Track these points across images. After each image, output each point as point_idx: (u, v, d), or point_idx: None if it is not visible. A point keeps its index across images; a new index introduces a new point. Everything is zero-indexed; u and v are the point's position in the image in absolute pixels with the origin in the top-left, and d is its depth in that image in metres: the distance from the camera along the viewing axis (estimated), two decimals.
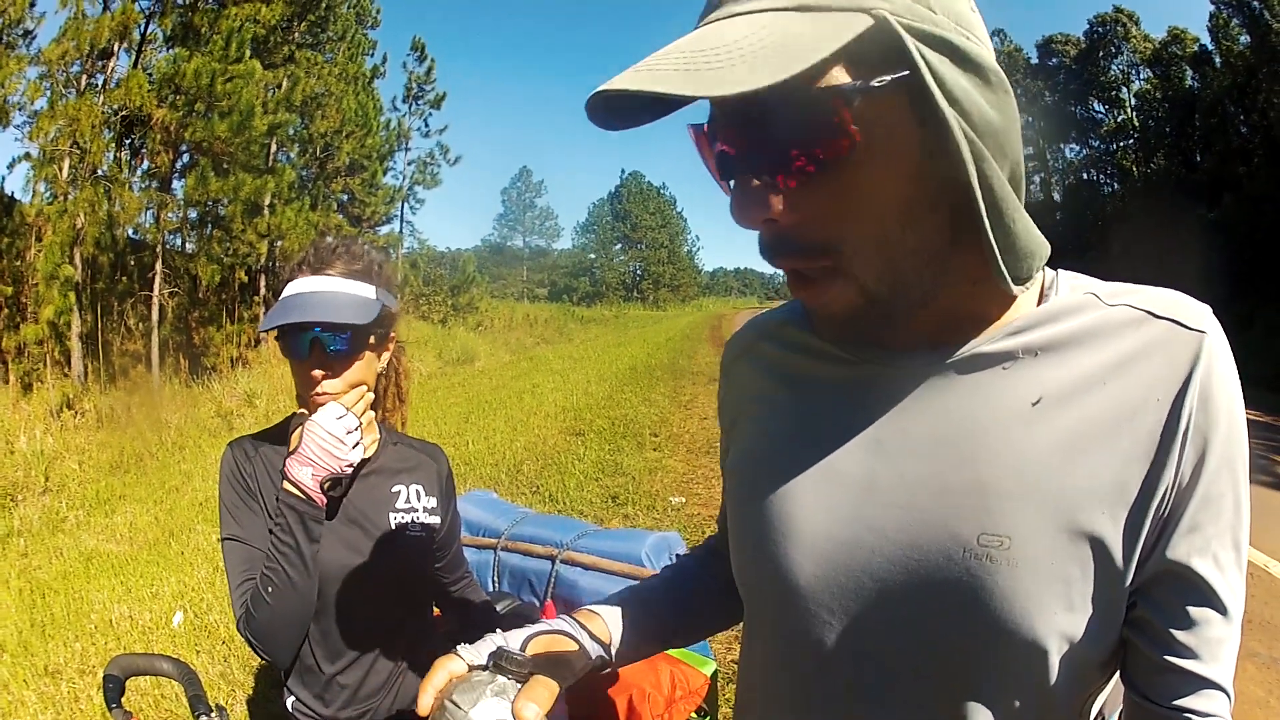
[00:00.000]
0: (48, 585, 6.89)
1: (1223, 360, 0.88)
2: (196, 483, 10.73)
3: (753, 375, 1.18)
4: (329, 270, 1.93)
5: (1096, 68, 37.21)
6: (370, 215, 31.64)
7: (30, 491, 10.89)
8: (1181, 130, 32.99)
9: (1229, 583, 0.87)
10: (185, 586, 6.38)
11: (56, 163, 17.52)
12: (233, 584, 1.90)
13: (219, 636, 5.43)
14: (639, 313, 70.10)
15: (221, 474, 2.00)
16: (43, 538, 8.82)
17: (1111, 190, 37.65)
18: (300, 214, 23.36)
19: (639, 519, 7.83)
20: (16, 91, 17.27)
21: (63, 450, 12.57)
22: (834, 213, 0.81)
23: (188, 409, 16.36)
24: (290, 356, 1.91)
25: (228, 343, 21.91)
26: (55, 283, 16.49)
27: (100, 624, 5.74)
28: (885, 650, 0.95)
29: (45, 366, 16.71)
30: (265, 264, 23.71)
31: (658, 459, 10.37)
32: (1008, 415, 0.90)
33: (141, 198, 19.35)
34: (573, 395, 16.33)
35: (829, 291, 0.85)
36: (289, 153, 26.10)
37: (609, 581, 2.75)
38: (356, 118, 28.53)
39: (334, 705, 2.03)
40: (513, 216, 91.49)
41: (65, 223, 17.05)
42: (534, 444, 11.53)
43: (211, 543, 7.44)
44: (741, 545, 1.11)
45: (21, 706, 4.53)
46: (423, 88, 38.53)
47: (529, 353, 31.25)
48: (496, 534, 3.09)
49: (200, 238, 21.94)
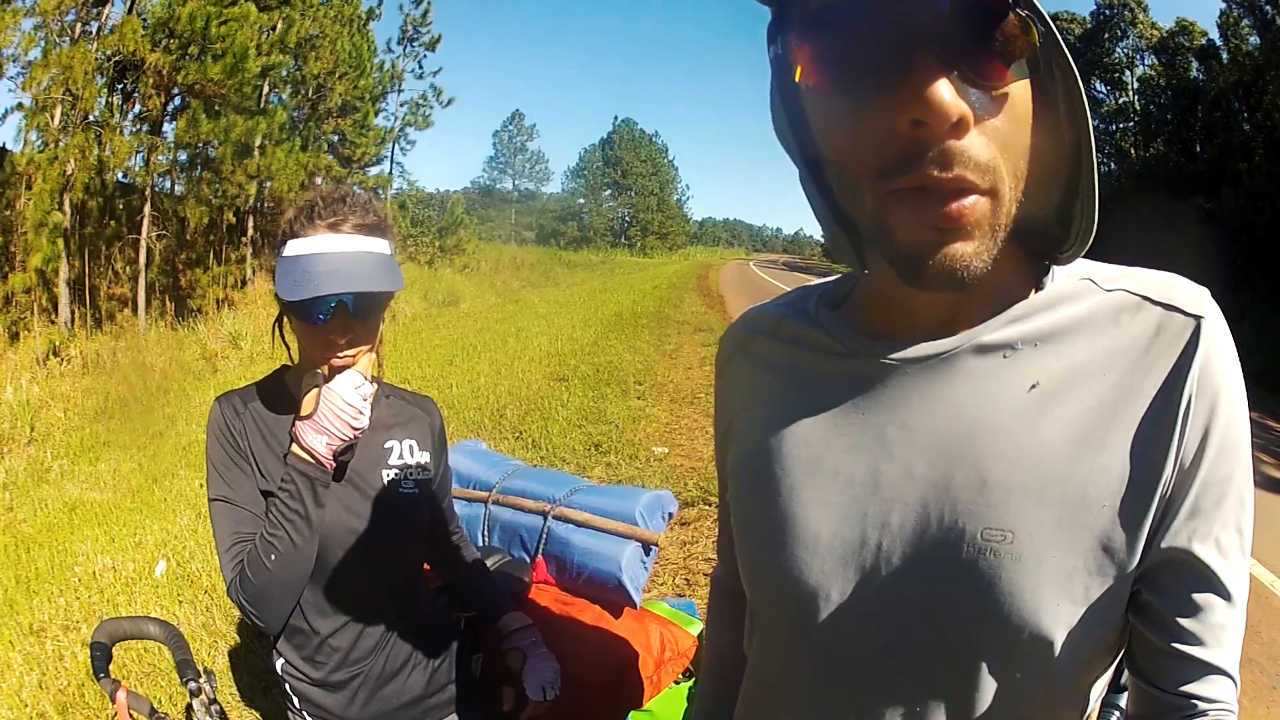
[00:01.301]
0: (32, 539, 6.88)
1: (1221, 344, 0.89)
2: (180, 427, 10.70)
3: (750, 373, 1.18)
4: (344, 226, 1.82)
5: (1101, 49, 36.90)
6: (360, 156, 31.31)
7: (16, 443, 10.89)
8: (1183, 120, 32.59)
9: (1232, 568, 0.87)
10: (169, 535, 6.36)
11: (48, 110, 17.38)
12: (221, 546, 1.86)
13: (201, 586, 5.43)
14: (626, 259, 68.98)
15: (209, 431, 1.93)
16: (28, 490, 8.86)
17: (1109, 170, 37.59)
18: (290, 155, 23.25)
19: (621, 468, 7.88)
20: (11, 44, 17.05)
21: (48, 399, 12.55)
22: (1003, 135, 0.80)
23: (173, 352, 16.37)
24: (306, 319, 1.79)
25: (214, 284, 21.86)
26: (44, 230, 16.40)
27: (84, 577, 5.71)
28: (893, 644, 0.97)
29: (33, 315, 16.64)
30: (254, 205, 23.65)
31: (641, 408, 10.43)
32: (1009, 409, 0.91)
33: (132, 142, 19.18)
34: (558, 340, 16.23)
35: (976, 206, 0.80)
36: (281, 94, 25.86)
37: (601, 540, 2.74)
38: (350, 59, 28.25)
39: (325, 668, 2.00)
40: (503, 159, 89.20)
41: (55, 170, 16.92)
42: (518, 388, 11.52)
43: (195, 489, 7.43)
44: (748, 546, 1.12)
45: (8, 669, 4.47)
46: (418, 30, 37.97)
47: (515, 296, 31.04)
48: (487, 487, 3.04)
49: (189, 180, 21.73)
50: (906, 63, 0.75)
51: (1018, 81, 0.79)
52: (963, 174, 0.77)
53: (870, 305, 1.05)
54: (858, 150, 0.82)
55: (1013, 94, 0.79)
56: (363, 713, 2.05)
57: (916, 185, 0.79)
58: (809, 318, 1.10)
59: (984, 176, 0.78)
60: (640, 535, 2.73)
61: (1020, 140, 0.81)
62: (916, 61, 0.75)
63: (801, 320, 1.11)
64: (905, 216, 0.81)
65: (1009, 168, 0.80)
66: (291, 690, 2.05)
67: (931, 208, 0.79)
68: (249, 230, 24.01)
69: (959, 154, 0.76)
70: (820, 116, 0.88)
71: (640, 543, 2.73)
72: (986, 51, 0.76)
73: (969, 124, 0.76)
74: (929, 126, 0.75)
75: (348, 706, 2.03)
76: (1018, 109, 0.80)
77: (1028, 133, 0.82)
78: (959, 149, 0.76)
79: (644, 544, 2.73)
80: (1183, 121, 33.45)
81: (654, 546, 2.77)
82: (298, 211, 1.85)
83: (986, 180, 0.78)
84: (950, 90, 0.74)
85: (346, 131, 30.16)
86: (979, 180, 0.78)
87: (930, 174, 0.77)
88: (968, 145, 0.77)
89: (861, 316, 1.06)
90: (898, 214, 0.81)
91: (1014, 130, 0.80)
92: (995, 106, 0.78)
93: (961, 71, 0.76)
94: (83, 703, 4.16)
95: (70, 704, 4.16)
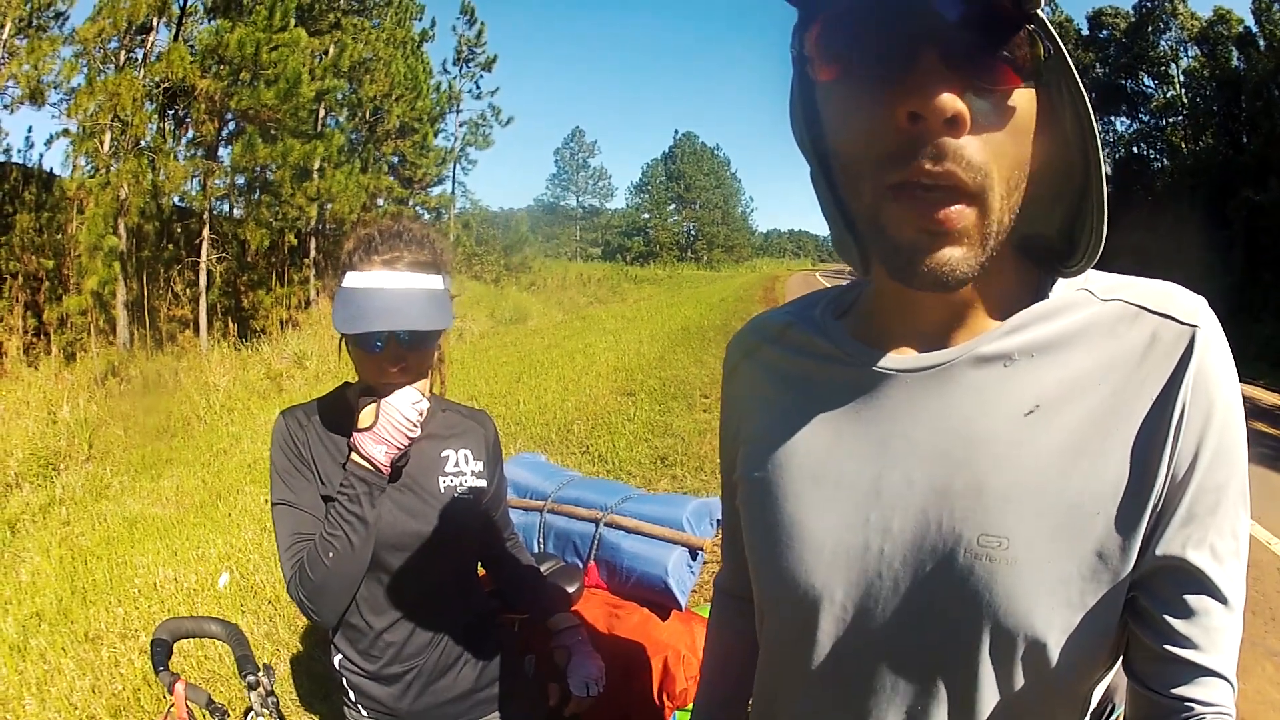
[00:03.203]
0: (90, 552, 6.91)
1: (1216, 353, 0.89)
2: (245, 445, 10.76)
3: (756, 380, 1.20)
4: (399, 265, 1.93)
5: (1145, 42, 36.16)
6: (421, 177, 31.80)
7: (73, 460, 11.01)
8: (1229, 111, 31.95)
9: (1227, 573, 0.87)
10: (232, 548, 6.41)
11: (97, 136, 17.73)
12: (282, 546, 1.97)
13: (265, 596, 5.50)
14: (692, 273, 68.85)
15: (274, 441, 2.05)
16: (85, 505, 8.93)
17: (1161, 166, 36.81)
18: (350, 177, 23.58)
19: (687, 481, 7.84)
20: (51, 71, 17.53)
21: (107, 417, 12.68)
22: (996, 142, 0.82)
23: (236, 372, 16.44)
24: (362, 349, 1.92)
25: (277, 305, 22.15)
26: (99, 253, 16.73)
27: (144, 588, 5.76)
28: (894, 646, 0.99)
29: (89, 336, 17.00)
30: (315, 227, 23.97)
31: (707, 420, 10.31)
32: (1006, 418, 0.93)
33: (187, 166, 19.54)
34: (625, 355, 16.22)
35: (963, 215, 0.82)
36: (338, 117, 26.20)
37: (650, 545, 2.84)
38: (406, 81, 28.61)
39: (379, 662, 2.09)
40: (566, 176, 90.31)
41: (108, 194, 17.28)
42: (585, 404, 11.54)
43: (260, 504, 7.50)
44: (756, 549, 1.14)
45: (58, 674, 4.54)
46: (473, 50, 38.32)
47: (582, 312, 31.10)
48: (543, 496, 3.17)
49: (248, 203, 22.10)
50: (913, 59, 0.79)
51: (1020, 94, 0.82)
52: (953, 170, 0.80)
53: (873, 313, 1.08)
54: (861, 140, 0.85)
55: (1014, 107, 0.82)
56: (414, 705, 2.14)
57: (911, 179, 0.81)
58: (814, 325, 1.13)
59: (974, 177, 0.81)
60: (687, 540, 2.82)
61: (1018, 152, 0.84)
62: (922, 59, 0.79)
63: (807, 327, 1.13)
64: (898, 215, 0.84)
65: (1002, 176, 0.83)
66: (348, 684, 2.15)
67: (922, 210, 0.82)
68: (311, 252, 24.31)
69: (952, 150, 0.79)
70: (831, 110, 0.92)
71: (687, 548, 2.83)
72: (989, 59, 0.80)
73: (965, 124, 0.79)
74: (926, 120, 0.79)
75: (400, 699, 2.13)
76: (1018, 122, 0.83)
77: (1027, 146, 0.85)
78: (953, 146, 0.79)
79: (690, 549, 2.82)
80: (1228, 113, 32.68)
81: (700, 551, 2.84)
82: (356, 243, 1.97)
83: (976, 182, 0.81)
84: (949, 88, 0.78)
85: (406, 153, 30.60)
86: (969, 179, 0.80)
87: (923, 166, 0.80)
88: (962, 144, 0.80)
89: (864, 324, 1.08)
90: (891, 211, 0.84)
91: (1011, 142, 0.83)
92: (994, 115, 0.82)
93: (963, 74, 0.79)
94: (137, 706, 4.20)
95: (124, 707, 4.20)
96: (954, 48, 0.78)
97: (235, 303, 21.85)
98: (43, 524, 8.33)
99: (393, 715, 2.15)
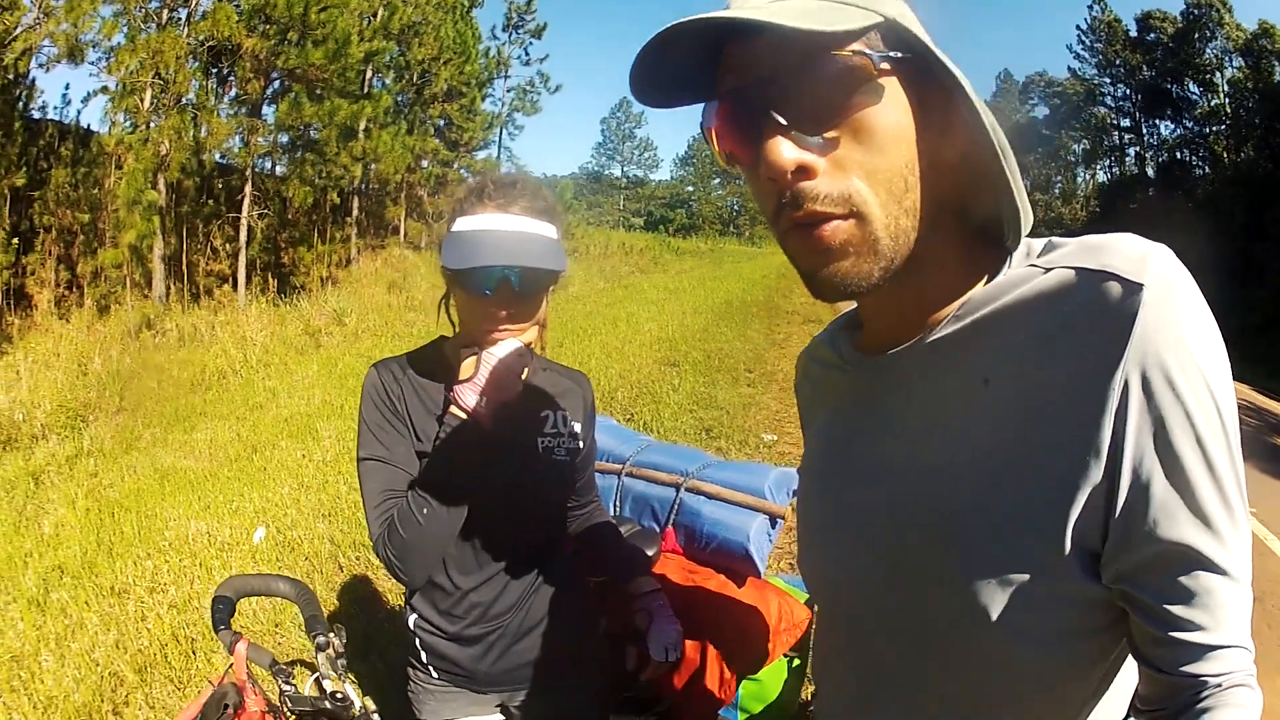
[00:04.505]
0: (118, 504, 6.85)
1: (1170, 311, 0.83)
2: (282, 399, 10.83)
3: (808, 393, 1.34)
4: (513, 208, 1.84)
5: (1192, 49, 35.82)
6: (468, 140, 31.97)
7: (103, 411, 11.04)
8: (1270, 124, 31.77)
9: (1221, 542, 0.83)
10: (268, 503, 6.37)
11: (138, 94, 17.84)
12: (370, 503, 1.89)
13: (301, 553, 5.43)
14: (735, 248, 67.79)
15: (365, 395, 1.97)
16: (114, 457, 8.96)
17: (1203, 173, 36.37)
18: (396, 138, 23.75)
19: (731, 453, 7.71)
20: (91, 29, 17.54)
21: (140, 369, 12.73)
22: (858, 162, 0.86)
23: (274, 327, 16.56)
24: (470, 290, 1.80)
25: (318, 262, 22.27)
26: (138, 207, 16.83)
27: (175, 540, 5.69)
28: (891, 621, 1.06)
29: (125, 289, 17.12)
30: (359, 186, 24.07)
31: (751, 394, 10.37)
32: (958, 400, 0.96)
33: (230, 123, 19.63)
34: (668, 326, 16.15)
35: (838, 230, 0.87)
36: (385, 79, 26.23)
37: (732, 511, 2.78)
38: (455, 45, 28.79)
39: (462, 623, 2.03)
40: (611, 145, 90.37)
41: (149, 150, 17.37)
42: (628, 372, 11.50)
43: (296, 459, 7.52)
44: (799, 542, 1.26)
45: (80, 629, 4.40)
46: (523, 17, 38.41)
47: (624, 281, 30.79)
48: (621, 459, 3.09)
49: (291, 161, 22.15)
50: (759, 130, 0.87)
51: (873, 111, 0.86)
52: (813, 209, 0.87)
53: (861, 324, 1.17)
54: (758, 201, 0.95)
55: (870, 125, 0.86)
56: (493, 668, 2.09)
57: (791, 226, 0.90)
58: (831, 339, 1.21)
59: (840, 205, 0.86)
60: (768, 508, 2.78)
61: (893, 160, 0.87)
62: (764, 129, 0.87)
63: (829, 343, 1.21)
64: (794, 248, 0.93)
65: (879, 187, 0.87)
66: (422, 645, 2.10)
67: (805, 238, 0.90)
68: (354, 211, 24.41)
69: (808, 193, 0.86)
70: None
71: (768, 515, 2.79)
72: (812, 102, 0.86)
73: (813, 167, 0.85)
74: (777, 180, 0.87)
75: (480, 660, 2.07)
76: (882, 136, 0.86)
77: (906, 149, 0.88)
78: (807, 189, 0.86)
79: (771, 516, 2.80)
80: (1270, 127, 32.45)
81: (780, 519, 2.80)
82: (468, 191, 1.90)
83: (845, 207, 0.86)
84: (786, 147, 0.85)
85: (453, 116, 30.73)
86: (834, 209, 0.86)
87: (791, 216, 0.89)
88: (815, 184, 0.86)
89: (859, 335, 1.17)
90: (789, 247, 0.94)
91: (880, 154, 0.86)
92: (849, 143, 0.86)
93: (795, 126, 0.86)
94: (164, 663, 4.05)
95: (150, 664, 4.04)
96: (780, 106, 0.86)
97: (275, 259, 22.00)
98: (69, 475, 8.29)
99: (469, 677, 2.11)
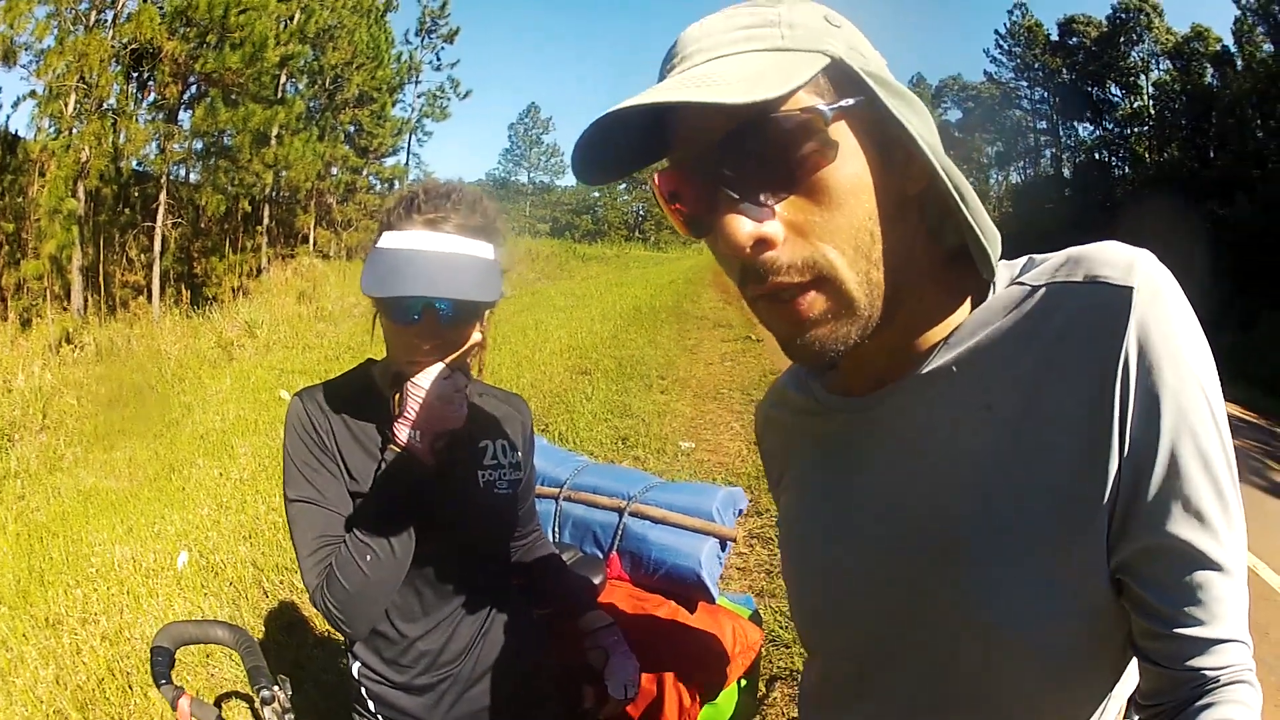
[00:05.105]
0: (45, 528, 6.74)
1: (1160, 311, 0.84)
2: (197, 415, 10.68)
3: (776, 442, 1.30)
4: (445, 225, 1.68)
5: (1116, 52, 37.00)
6: (377, 147, 31.83)
7: (28, 430, 10.83)
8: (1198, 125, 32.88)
9: (1217, 538, 0.83)
10: (189, 525, 6.19)
11: (62, 98, 17.57)
12: (303, 550, 1.74)
13: (226, 577, 5.25)
14: (640, 253, 68.33)
15: (290, 428, 1.81)
16: (40, 478, 8.72)
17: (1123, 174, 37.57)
18: (308, 144, 23.58)
19: (650, 463, 7.64)
20: (25, 31, 17.23)
21: (61, 386, 12.54)
22: (819, 225, 0.84)
23: (188, 340, 16.34)
24: (392, 320, 1.67)
25: (230, 272, 22.04)
26: (58, 217, 16.57)
27: (102, 568, 5.51)
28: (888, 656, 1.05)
29: (45, 301, 16.78)
30: (270, 194, 23.82)
31: (665, 402, 10.34)
32: (955, 429, 0.95)
33: (148, 129, 19.41)
34: (577, 334, 16.00)
35: (813, 303, 0.86)
36: (298, 84, 26.06)
37: (680, 536, 2.70)
38: (368, 50, 28.60)
39: (411, 672, 1.91)
40: (519, 152, 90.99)
41: (70, 156, 17.10)
42: (540, 381, 11.39)
43: (214, 478, 7.37)
44: (791, 594, 1.24)
45: (22, 664, 4.30)
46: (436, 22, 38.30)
47: (531, 288, 30.37)
48: (557, 483, 3.00)
49: (205, 168, 21.89)
50: (713, 206, 0.85)
51: (828, 171, 0.83)
52: (776, 280, 0.85)
53: (837, 366, 1.13)
54: (724, 269, 0.92)
55: (825, 185, 0.83)
56: (448, 715, 1.97)
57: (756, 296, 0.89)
58: (801, 384, 1.19)
59: (804, 272, 0.85)
60: (718, 531, 2.71)
61: (852, 216, 0.85)
62: (719, 203, 0.85)
63: (796, 388, 1.20)
64: (765, 316, 0.92)
65: (844, 245, 0.85)
66: (369, 694, 1.96)
67: (776, 311, 0.89)
68: (265, 219, 24.14)
69: (769, 265, 0.84)
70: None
71: (717, 539, 2.72)
72: (764, 170, 0.83)
73: (772, 239, 0.83)
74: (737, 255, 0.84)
75: (432, 709, 1.95)
76: (836, 193, 0.84)
77: (864, 202, 0.85)
78: (768, 261, 0.84)
79: (721, 540, 2.73)
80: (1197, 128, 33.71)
81: (730, 542, 2.77)
82: (397, 202, 1.74)
83: (810, 273, 0.85)
84: (742, 222, 0.83)
85: (364, 122, 30.50)
86: (797, 278, 0.85)
87: (755, 288, 0.87)
88: (777, 255, 0.84)
89: (833, 377, 1.14)
90: (759, 314, 0.93)
91: (840, 213, 0.84)
92: (805, 204, 0.84)
93: (748, 199, 0.83)
94: (103, 699, 3.98)
95: (89, 700, 3.98)
96: (732, 181, 0.84)
97: (188, 269, 21.78)
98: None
99: None
